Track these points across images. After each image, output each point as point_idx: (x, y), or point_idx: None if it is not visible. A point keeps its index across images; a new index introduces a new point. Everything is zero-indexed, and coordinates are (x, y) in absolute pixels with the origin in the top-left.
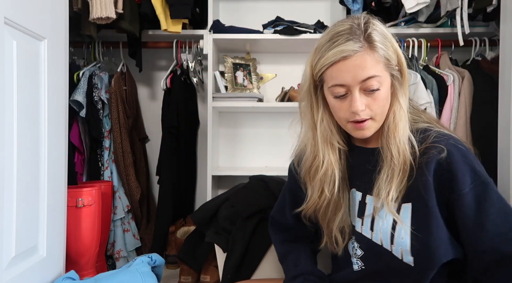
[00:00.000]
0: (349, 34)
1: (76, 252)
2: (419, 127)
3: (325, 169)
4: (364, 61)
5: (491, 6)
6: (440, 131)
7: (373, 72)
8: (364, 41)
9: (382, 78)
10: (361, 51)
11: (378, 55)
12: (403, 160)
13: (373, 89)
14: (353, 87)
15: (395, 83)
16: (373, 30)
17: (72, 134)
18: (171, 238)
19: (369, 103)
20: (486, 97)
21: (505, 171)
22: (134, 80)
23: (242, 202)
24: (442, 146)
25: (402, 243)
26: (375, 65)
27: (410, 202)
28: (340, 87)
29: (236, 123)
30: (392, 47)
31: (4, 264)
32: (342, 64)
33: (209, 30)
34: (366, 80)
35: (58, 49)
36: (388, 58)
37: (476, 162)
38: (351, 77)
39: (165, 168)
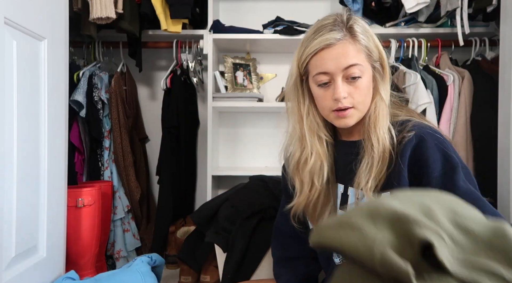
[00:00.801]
0: (333, 25)
1: (76, 252)
2: (399, 120)
3: (314, 160)
4: (347, 50)
5: (491, 6)
6: (419, 122)
7: (355, 60)
8: (346, 31)
9: (364, 68)
10: (344, 40)
11: (359, 45)
12: (383, 149)
13: (355, 77)
14: (336, 75)
15: (377, 76)
16: (354, 23)
17: (72, 134)
18: (171, 238)
19: (351, 91)
20: (486, 97)
21: (505, 171)
22: (134, 80)
23: (242, 202)
24: (416, 133)
25: None
26: (357, 54)
27: (389, 191)
28: (324, 75)
29: (236, 123)
30: (373, 41)
31: (4, 264)
32: (325, 53)
33: (209, 30)
34: (348, 68)
35: (58, 49)
36: (370, 49)
37: (450, 149)
38: (334, 65)
39: (165, 168)
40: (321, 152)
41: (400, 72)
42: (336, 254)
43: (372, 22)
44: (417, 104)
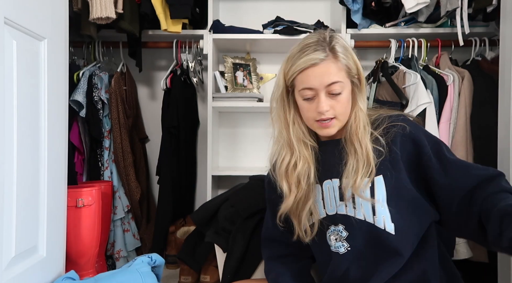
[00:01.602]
0: (317, 45)
1: (76, 252)
2: (372, 119)
3: (302, 164)
4: (329, 68)
5: (491, 6)
6: (389, 114)
7: (337, 78)
8: (329, 51)
9: (344, 84)
10: (326, 59)
11: (340, 64)
12: (366, 152)
13: (336, 93)
14: (320, 91)
15: (355, 89)
16: (336, 43)
17: (72, 134)
18: (171, 238)
19: (332, 104)
20: (486, 97)
21: (505, 171)
22: (134, 80)
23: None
24: (400, 123)
25: (383, 211)
26: (338, 72)
27: (381, 174)
28: (309, 90)
29: (236, 123)
30: (352, 59)
31: (4, 264)
32: (311, 70)
33: (209, 30)
34: (330, 85)
35: (58, 49)
36: (349, 67)
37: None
38: (319, 82)
39: (165, 168)
40: (308, 156)
41: (400, 72)
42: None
43: (372, 22)
44: (417, 104)
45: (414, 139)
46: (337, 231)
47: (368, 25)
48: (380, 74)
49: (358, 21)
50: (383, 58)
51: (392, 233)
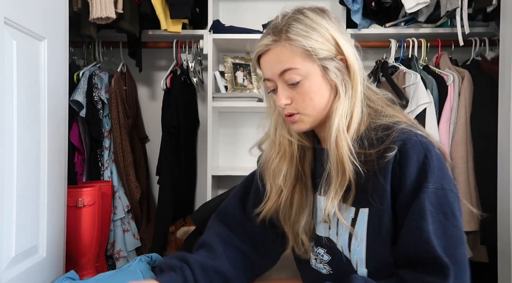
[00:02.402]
0: (272, 28)
1: (76, 252)
2: (382, 123)
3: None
4: (278, 55)
5: (491, 6)
6: (405, 129)
7: (289, 64)
8: (282, 33)
9: (303, 71)
10: (275, 44)
11: (295, 47)
12: (340, 160)
13: (294, 82)
14: (277, 81)
15: (331, 76)
16: (294, 21)
17: (72, 134)
18: (171, 238)
19: (294, 96)
20: (486, 97)
21: (505, 171)
22: (134, 80)
23: None
24: (397, 146)
25: (357, 252)
26: (292, 58)
27: (368, 208)
28: (268, 82)
29: (236, 123)
30: (321, 38)
31: (4, 264)
32: (262, 60)
33: (209, 30)
34: (283, 73)
35: (58, 49)
36: (310, 49)
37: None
38: (270, 71)
39: (165, 168)
40: (287, 154)
41: (400, 72)
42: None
43: (372, 22)
44: (417, 104)
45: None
46: (318, 253)
47: (368, 25)
48: (380, 74)
49: (358, 21)
50: (383, 58)
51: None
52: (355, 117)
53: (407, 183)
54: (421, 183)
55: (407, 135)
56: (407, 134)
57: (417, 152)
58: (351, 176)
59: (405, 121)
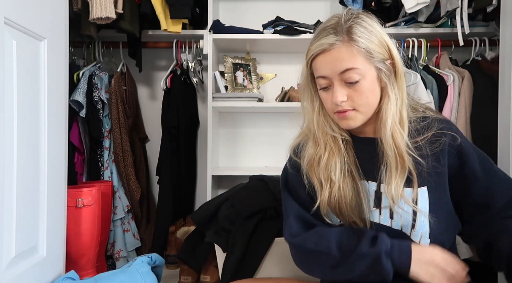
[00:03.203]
0: (332, 28)
1: (76, 252)
2: (419, 116)
3: (327, 157)
4: (341, 54)
5: (491, 6)
6: (440, 118)
7: (351, 64)
8: (344, 35)
9: (362, 71)
10: (339, 44)
11: (357, 48)
12: (399, 154)
13: (353, 82)
14: (334, 79)
15: (383, 77)
16: (356, 24)
17: (72, 134)
18: (171, 238)
19: (350, 94)
20: (486, 97)
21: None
22: (134, 80)
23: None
24: (450, 133)
25: (423, 227)
26: (354, 58)
27: (426, 186)
28: (323, 79)
29: (236, 123)
30: (378, 42)
31: (4, 264)
32: (322, 57)
33: (209, 30)
34: (344, 72)
35: (58, 49)
36: (370, 51)
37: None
38: (330, 69)
39: (165, 168)
40: (334, 149)
41: None
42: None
43: None
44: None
45: (462, 152)
46: None
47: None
48: None
49: None
50: None
51: None
52: (405, 115)
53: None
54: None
55: (445, 124)
56: (447, 122)
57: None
58: (411, 166)
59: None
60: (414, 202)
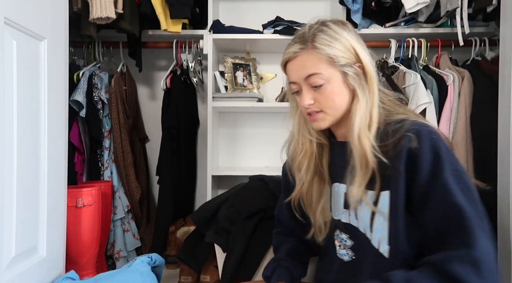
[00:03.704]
0: (299, 37)
1: (76, 252)
2: (395, 119)
3: (301, 158)
4: (304, 61)
5: (491, 6)
6: (416, 121)
7: (314, 70)
8: (309, 43)
9: (326, 76)
10: (302, 52)
11: (319, 55)
12: (363, 155)
13: (317, 85)
14: (301, 84)
15: (350, 81)
16: (319, 32)
17: (72, 134)
18: (171, 238)
19: (317, 97)
20: (486, 97)
21: (505, 171)
22: (134, 80)
23: (242, 202)
24: (412, 134)
25: (381, 231)
26: (316, 64)
27: (388, 190)
28: (293, 84)
29: (236, 123)
30: (342, 47)
31: (4, 264)
32: (290, 64)
33: (209, 30)
34: (309, 77)
35: (58, 49)
36: (332, 56)
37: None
38: (296, 75)
39: (165, 168)
40: (308, 151)
41: (400, 72)
42: (345, 251)
43: (372, 22)
44: (417, 104)
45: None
46: (341, 239)
47: (368, 25)
48: (380, 74)
49: (358, 21)
50: (383, 58)
51: (385, 256)
52: (374, 117)
53: (424, 167)
54: (438, 166)
55: (419, 125)
56: (419, 125)
57: (429, 139)
58: (374, 167)
59: (413, 116)
60: (374, 205)
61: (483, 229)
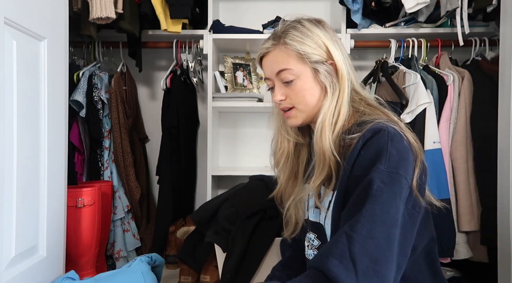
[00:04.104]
0: (273, 34)
1: (76, 252)
2: (362, 120)
3: (279, 156)
4: (275, 57)
5: (491, 6)
6: (379, 122)
7: (284, 65)
8: (281, 39)
9: (296, 71)
10: (273, 48)
11: (289, 51)
12: (322, 152)
13: (288, 81)
14: (274, 80)
15: (321, 78)
16: (291, 29)
17: (72, 134)
18: (171, 238)
19: (288, 93)
20: (486, 97)
21: (505, 171)
22: (134, 80)
23: (242, 202)
24: (367, 135)
25: (327, 229)
26: (287, 59)
27: (335, 190)
28: (268, 80)
29: (236, 123)
30: (313, 44)
31: (4, 264)
32: (264, 60)
33: (209, 30)
34: (279, 73)
35: (58, 49)
36: (304, 53)
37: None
38: (269, 71)
39: (165, 168)
40: (286, 151)
41: (400, 72)
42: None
43: (372, 22)
44: (417, 104)
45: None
46: (309, 238)
47: (368, 25)
48: (380, 74)
49: (358, 21)
50: (383, 58)
51: None
52: (342, 115)
53: (362, 162)
54: (375, 163)
55: (378, 126)
56: (378, 125)
57: (380, 138)
58: (332, 166)
59: (384, 118)
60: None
61: (368, 231)
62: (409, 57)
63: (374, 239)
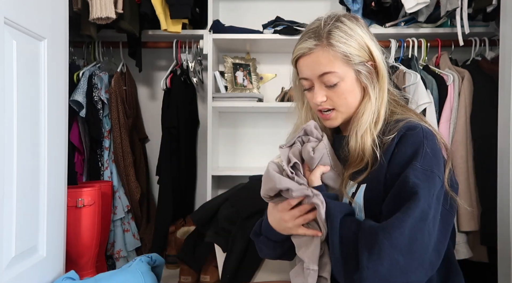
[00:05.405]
0: (313, 32)
1: (76, 252)
2: (395, 118)
3: None
4: (320, 58)
5: (491, 6)
6: (412, 121)
7: (329, 68)
8: (324, 39)
9: (340, 74)
10: (317, 49)
11: (335, 53)
12: (362, 149)
13: (331, 84)
14: (314, 81)
15: (363, 79)
16: (335, 29)
17: (72, 134)
18: (171, 238)
19: (330, 95)
20: (486, 97)
21: (505, 171)
22: (134, 80)
23: (242, 202)
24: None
25: None
26: (332, 62)
27: (366, 183)
28: (305, 81)
29: (236, 123)
30: (357, 45)
31: (4, 264)
32: (303, 60)
33: (209, 30)
34: (323, 76)
35: (58, 49)
36: (348, 55)
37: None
38: (310, 72)
39: (165, 168)
40: None
41: (400, 72)
42: None
43: (372, 22)
44: (417, 104)
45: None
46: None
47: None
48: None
49: None
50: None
51: None
52: (382, 115)
53: (399, 159)
54: (411, 161)
55: (413, 124)
56: (413, 123)
57: (416, 136)
58: (368, 161)
59: (415, 117)
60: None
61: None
62: (409, 57)
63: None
